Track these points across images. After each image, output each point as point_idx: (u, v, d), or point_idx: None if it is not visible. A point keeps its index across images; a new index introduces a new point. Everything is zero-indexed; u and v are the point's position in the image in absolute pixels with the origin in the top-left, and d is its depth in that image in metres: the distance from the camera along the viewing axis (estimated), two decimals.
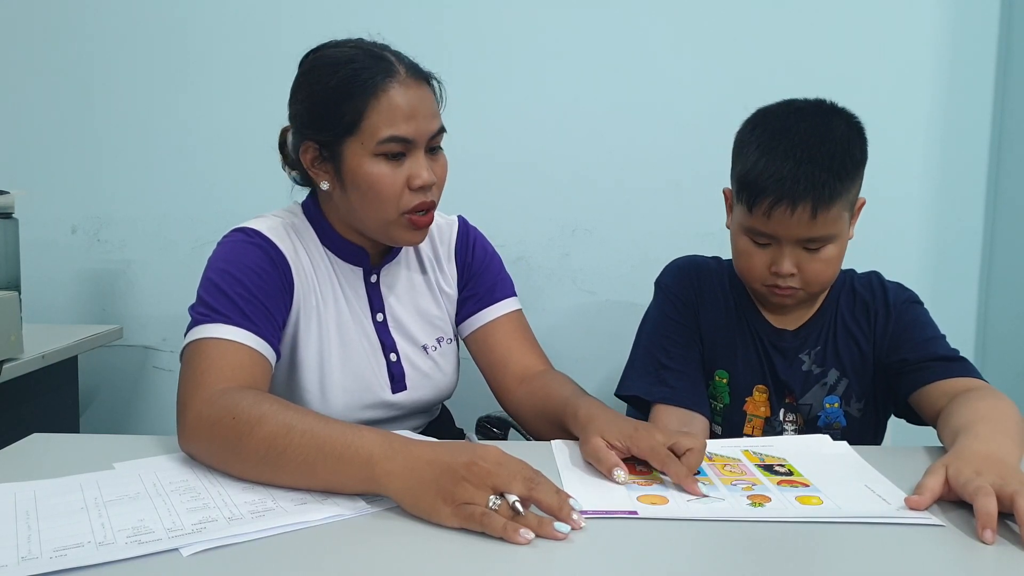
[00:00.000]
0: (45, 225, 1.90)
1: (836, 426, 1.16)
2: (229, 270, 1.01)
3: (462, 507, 0.72)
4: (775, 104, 1.11)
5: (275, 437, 0.82)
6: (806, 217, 1.02)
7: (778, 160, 1.02)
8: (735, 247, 1.12)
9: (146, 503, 0.78)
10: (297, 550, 0.70)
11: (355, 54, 1.03)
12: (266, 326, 0.99)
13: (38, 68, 1.89)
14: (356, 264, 1.14)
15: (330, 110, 1.02)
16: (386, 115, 1.00)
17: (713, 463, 0.92)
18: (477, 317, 1.21)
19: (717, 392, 1.19)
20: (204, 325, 0.96)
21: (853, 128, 1.08)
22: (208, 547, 0.69)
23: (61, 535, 0.71)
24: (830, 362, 1.16)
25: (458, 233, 1.24)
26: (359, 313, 1.13)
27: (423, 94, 1.04)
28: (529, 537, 0.70)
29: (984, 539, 0.71)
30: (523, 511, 0.72)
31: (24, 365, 1.41)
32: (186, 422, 0.89)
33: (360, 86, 1.00)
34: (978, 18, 1.77)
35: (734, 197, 1.12)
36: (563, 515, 0.73)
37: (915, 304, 1.17)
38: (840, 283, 1.19)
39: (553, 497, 0.74)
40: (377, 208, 1.04)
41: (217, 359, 0.93)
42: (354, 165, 1.02)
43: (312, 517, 0.75)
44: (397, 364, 1.14)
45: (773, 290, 1.09)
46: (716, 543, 0.72)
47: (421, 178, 1.03)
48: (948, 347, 1.11)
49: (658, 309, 1.23)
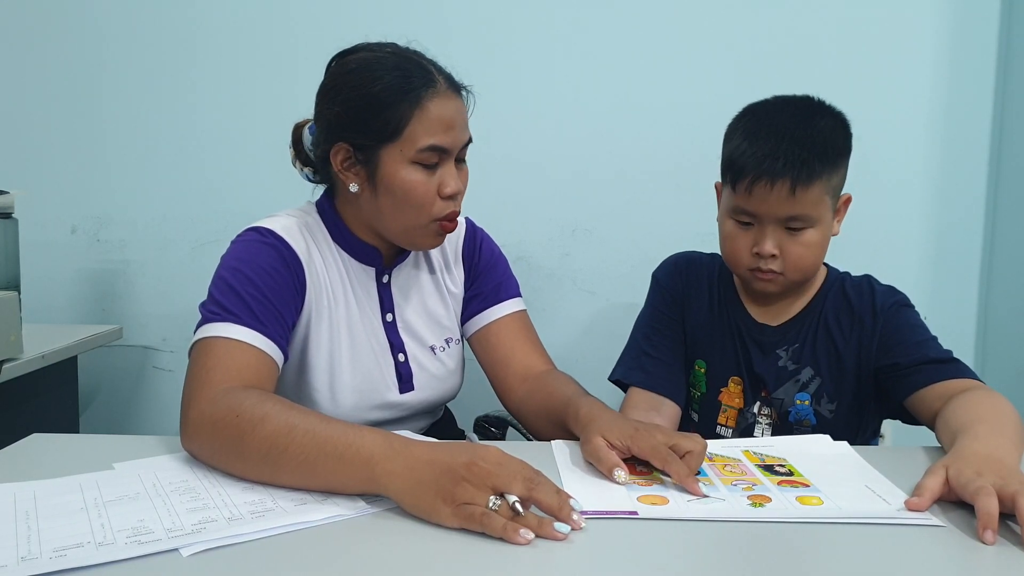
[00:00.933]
0: (45, 225, 1.90)
1: (806, 423, 1.17)
2: (242, 269, 1.01)
3: (462, 507, 0.73)
4: (764, 99, 1.15)
5: (277, 436, 0.82)
6: (785, 192, 1.04)
7: (760, 140, 1.07)
8: (721, 233, 1.15)
9: (146, 503, 0.78)
10: (297, 550, 0.70)
11: (398, 61, 1.04)
12: (275, 327, 0.99)
13: (38, 68, 1.89)
14: (369, 264, 1.14)
15: (373, 115, 1.02)
16: (427, 125, 1.02)
17: (713, 463, 0.92)
18: (482, 316, 1.21)
19: (696, 381, 1.23)
20: (214, 323, 0.96)
21: (837, 120, 1.11)
22: (208, 547, 0.69)
23: (61, 535, 0.71)
24: (806, 360, 1.17)
25: (466, 234, 1.25)
26: (369, 313, 1.14)
27: (459, 105, 1.07)
28: (529, 537, 0.70)
29: (985, 539, 0.71)
30: (523, 511, 0.72)
31: (24, 365, 1.41)
32: (189, 419, 0.89)
33: (405, 94, 1.02)
34: (978, 18, 1.77)
35: (722, 183, 1.15)
36: (563, 515, 0.73)
37: (904, 307, 1.16)
38: (830, 284, 1.19)
39: (553, 497, 0.74)
40: (409, 214, 1.05)
41: (224, 358, 0.94)
42: (391, 171, 1.03)
43: (312, 517, 0.75)
44: (405, 364, 1.15)
45: (756, 274, 1.11)
46: (716, 543, 0.72)
47: (451, 187, 1.05)
48: (940, 348, 1.11)
49: (648, 301, 1.29)
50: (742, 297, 1.22)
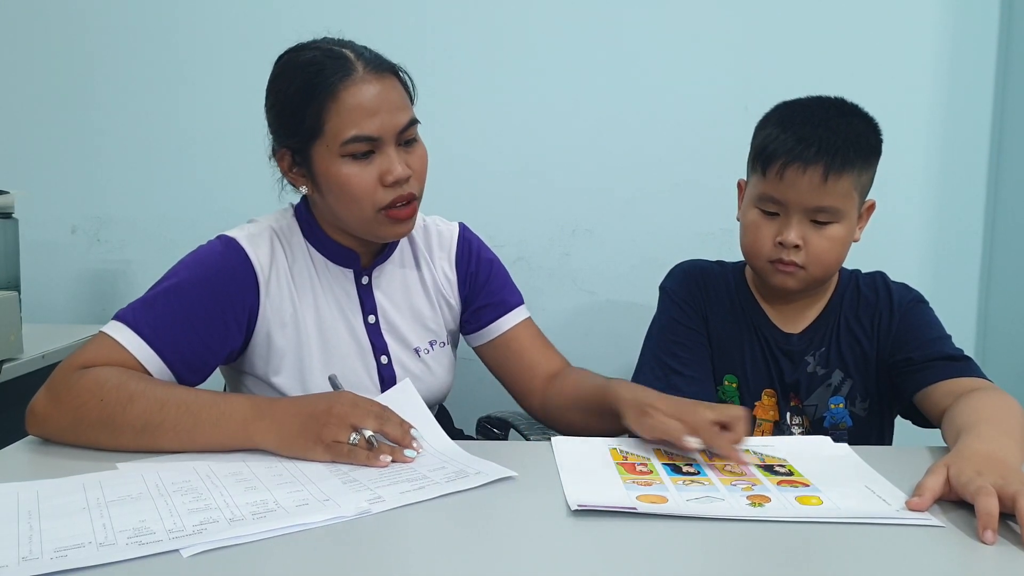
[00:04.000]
0: (45, 225, 1.90)
1: (842, 426, 1.16)
2: (179, 284, 1.03)
3: (332, 445, 0.87)
4: (797, 97, 1.14)
5: (150, 413, 0.91)
6: (817, 179, 1.04)
7: (795, 127, 1.07)
8: (744, 223, 1.14)
9: (148, 504, 0.78)
10: (297, 551, 0.70)
11: (313, 56, 1.03)
12: (181, 350, 1.01)
13: (38, 68, 1.89)
14: (346, 266, 1.14)
15: (294, 116, 1.02)
16: (346, 116, 1.00)
17: (713, 463, 0.92)
18: (494, 327, 1.22)
19: (727, 397, 1.19)
20: (119, 324, 1.00)
21: (870, 123, 1.11)
22: (208, 548, 0.69)
23: (62, 535, 0.71)
24: (834, 363, 1.16)
25: (459, 240, 1.23)
26: (348, 316, 1.13)
27: (386, 88, 1.02)
28: (387, 461, 0.87)
29: (985, 539, 0.71)
30: (376, 444, 0.88)
31: (24, 365, 1.42)
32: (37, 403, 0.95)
33: (317, 89, 1.00)
34: (978, 18, 1.77)
35: (748, 171, 1.14)
36: (406, 443, 0.90)
37: (920, 304, 1.17)
38: (845, 283, 1.19)
39: (398, 429, 0.90)
40: (353, 208, 1.04)
41: (103, 354, 0.97)
42: (323, 168, 1.03)
43: (313, 519, 0.75)
44: (388, 367, 1.14)
45: (777, 266, 1.09)
46: (715, 543, 0.72)
47: (393, 173, 1.02)
48: (953, 347, 1.11)
49: (665, 314, 1.23)
50: (762, 304, 1.20)
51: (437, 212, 1.27)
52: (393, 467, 0.88)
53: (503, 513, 0.79)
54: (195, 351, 1.02)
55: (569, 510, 0.78)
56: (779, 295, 1.17)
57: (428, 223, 1.24)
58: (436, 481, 0.85)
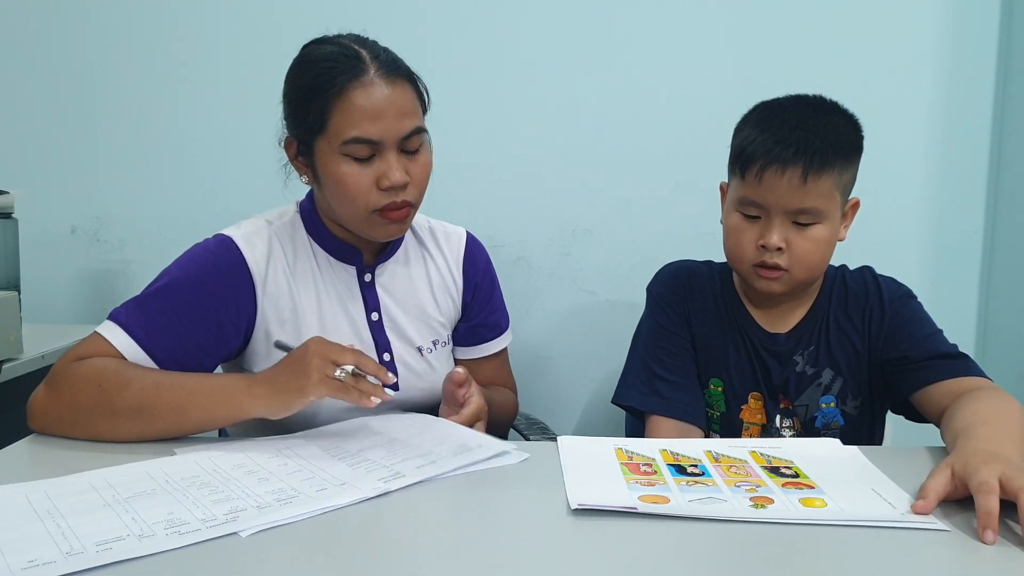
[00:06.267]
0: (45, 225, 1.90)
1: (834, 425, 1.15)
2: (173, 283, 1.04)
3: (325, 379, 0.90)
4: (776, 97, 1.13)
5: (145, 393, 0.94)
6: (796, 180, 1.03)
7: (773, 129, 1.05)
8: (726, 227, 1.13)
9: (167, 497, 0.79)
10: (297, 547, 0.70)
11: (329, 52, 1.03)
12: (172, 350, 1.02)
13: (38, 68, 1.89)
14: (349, 263, 1.14)
15: (302, 108, 1.03)
16: (349, 116, 1.00)
17: (719, 464, 0.92)
18: (485, 347, 1.26)
19: (713, 400, 1.18)
20: (112, 324, 1.01)
21: (850, 120, 1.10)
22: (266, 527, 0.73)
23: (98, 530, 0.71)
24: (823, 362, 1.15)
25: (467, 245, 1.24)
26: (352, 313, 1.13)
27: (395, 93, 1.02)
28: (376, 401, 0.91)
29: (984, 539, 0.71)
30: (360, 374, 0.92)
31: (24, 365, 1.42)
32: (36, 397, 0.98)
33: (326, 86, 1.00)
34: (978, 18, 1.77)
35: (729, 175, 1.13)
36: (383, 376, 0.93)
37: (910, 299, 1.16)
38: (831, 280, 1.18)
39: (373, 364, 0.93)
40: (348, 206, 1.04)
41: (97, 352, 0.99)
42: (323, 163, 1.04)
43: (338, 501, 0.78)
44: (391, 364, 1.14)
45: (759, 271, 1.08)
46: (716, 544, 0.72)
47: (390, 178, 1.02)
48: (948, 343, 1.11)
49: (650, 317, 1.22)
50: (747, 305, 1.19)
51: (437, 212, 1.27)
52: (398, 445, 0.94)
53: (504, 512, 0.80)
54: (187, 351, 1.03)
55: (570, 509, 0.78)
56: (765, 296, 1.16)
57: (434, 225, 1.24)
58: (443, 455, 0.91)
